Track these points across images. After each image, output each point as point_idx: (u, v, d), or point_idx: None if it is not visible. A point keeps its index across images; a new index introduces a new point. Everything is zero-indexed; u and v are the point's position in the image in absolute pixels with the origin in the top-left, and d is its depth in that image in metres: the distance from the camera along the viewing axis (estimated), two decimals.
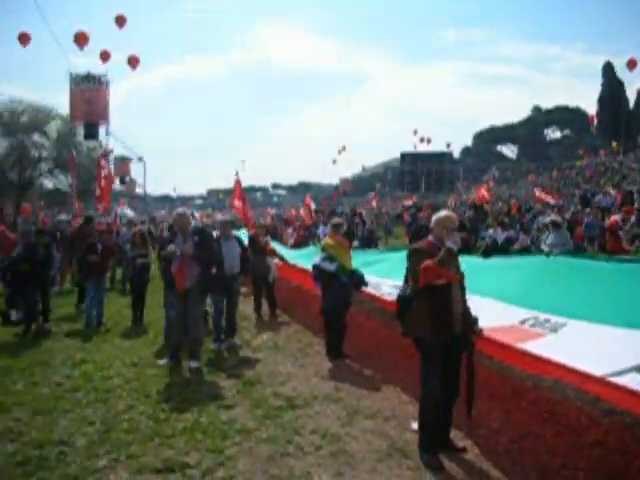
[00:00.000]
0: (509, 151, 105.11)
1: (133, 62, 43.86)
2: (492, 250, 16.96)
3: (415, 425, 5.65)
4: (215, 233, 10.28)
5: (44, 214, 31.55)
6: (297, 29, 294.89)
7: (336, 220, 10.19)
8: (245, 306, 12.69)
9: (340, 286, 8.91)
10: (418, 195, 65.83)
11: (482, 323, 5.53)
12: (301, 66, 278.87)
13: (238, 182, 17.55)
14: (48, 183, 49.51)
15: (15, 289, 11.61)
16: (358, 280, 9.02)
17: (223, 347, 9.66)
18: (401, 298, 5.55)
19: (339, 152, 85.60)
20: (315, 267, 9.23)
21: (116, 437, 5.88)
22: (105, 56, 43.67)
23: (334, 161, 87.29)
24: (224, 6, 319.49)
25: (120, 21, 41.62)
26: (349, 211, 37.35)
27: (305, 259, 11.89)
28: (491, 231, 20.58)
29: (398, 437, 5.76)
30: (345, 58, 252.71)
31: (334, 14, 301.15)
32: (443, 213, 5.60)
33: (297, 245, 22.41)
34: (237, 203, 17.34)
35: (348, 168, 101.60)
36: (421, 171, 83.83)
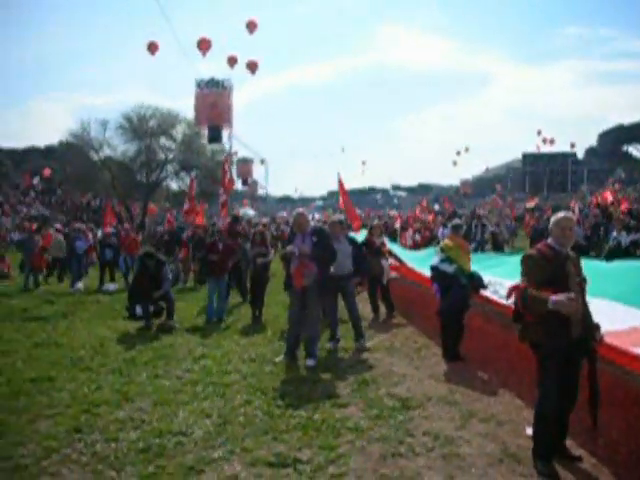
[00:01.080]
0: (637, 151, 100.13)
1: (252, 67, 44.77)
2: (616, 253, 16.30)
3: (530, 431, 5.49)
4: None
5: (170, 215, 32.62)
6: (414, 30, 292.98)
7: (456, 222, 10.08)
8: (362, 307, 12.72)
9: (458, 288, 8.79)
10: (540, 197, 64.11)
11: (602, 326, 5.33)
12: (420, 67, 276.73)
13: (341, 182, 17.66)
14: (174, 185, 51.18)
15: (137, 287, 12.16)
16: (477, 282, 8.89)
17: (359, 345, 9.72)
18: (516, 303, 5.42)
19: (458, 153, 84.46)
20: (433, 268, 9.15)
21: (232, 430, 6.03)
22: (232, 61, 44.79)
23: (454, 163, 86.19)
24: (341, 9, 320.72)
25: (251, 26, 42.55)
26: (469, 213, 36.77)
27: (423, 261, 11.80)
28: (615, 234, 19.79)
29: (511, 442, 5.62)
30: (464, 58, 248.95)
31: (451, 13, 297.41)
32: (561, 214, 5.42)
33: (418, 247, 22.33)
34: (342, 202, 17.49)
35: (468, 169, 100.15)
36: (543, 172, 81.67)
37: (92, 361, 8.97)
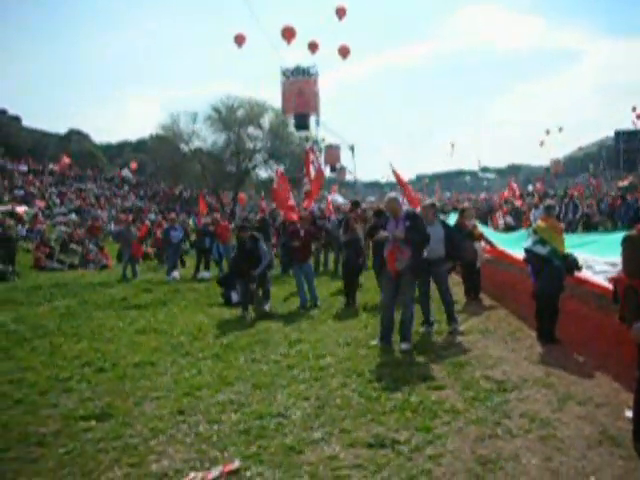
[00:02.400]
0: None
1: (343, 52, 44.82)
2: None
3: (629, 413, 5.42)
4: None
5: (265, 204, 33.08)
6: (499, 9, 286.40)
7: (549, 202, 9.96)
8: (455, 291, 12.68)
9: (553, 270, 8.69)
10: (635, 175, 61.96)
11: None
12: (506, 47, 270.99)
13: (396, 173, 17.55)
14: (263, 173, 51.78)
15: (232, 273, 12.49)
16: (572, 264, 8.76)
17: (452, 329, 9.72)
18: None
19: (547, 133, 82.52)
20: (527, 250, 9.06)
21: (330, 412, 6.17)
22: (313, 47, 44.95)
23: (541, 143, 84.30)
24: None
25: (340, 13, 42.62)
26: (562, 193, 35.92)
27: (514, 243, 11.69)
28: None
29: (610, 425, 5.55)
30: (551, 35, 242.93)
31: None
32: None
33: (509, 229, 22.02)
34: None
35: (559, 149, 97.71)
36: (638, 149, 78.82)
37: (191, 346, 9.31)
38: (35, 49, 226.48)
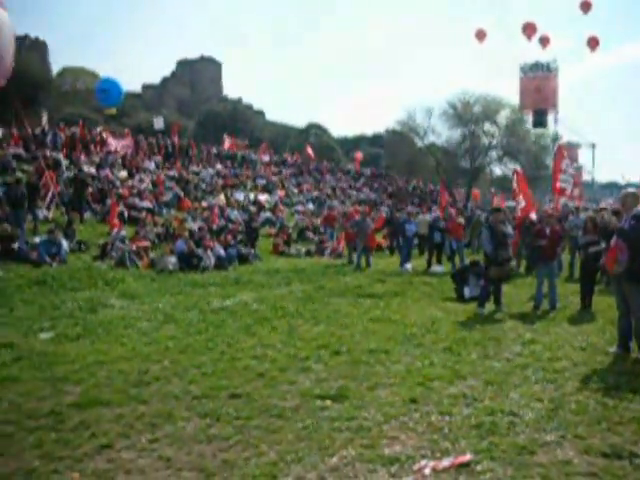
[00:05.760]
0: None
1: (592, 43, 43.00)
2: None
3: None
4: None
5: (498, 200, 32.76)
6: None
7: None
8: None
9: None
10: None
11: None
12: None
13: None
14: (497, 170, 51.05)
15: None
16: None
17: None
18: None
19: None
20: None
21: (563, 416, 6.01)
22: (545, 42, 43.62)
23: None
24: None
25: (585, 7, 41.06)
26: None
27: None
28: None
29: None
30: None
31: None
32: None
33: None
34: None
35: None
36: None
37: (424, 338, 9.40)
38: (278, 51, 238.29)
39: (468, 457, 5.03)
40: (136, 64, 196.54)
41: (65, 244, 16.64)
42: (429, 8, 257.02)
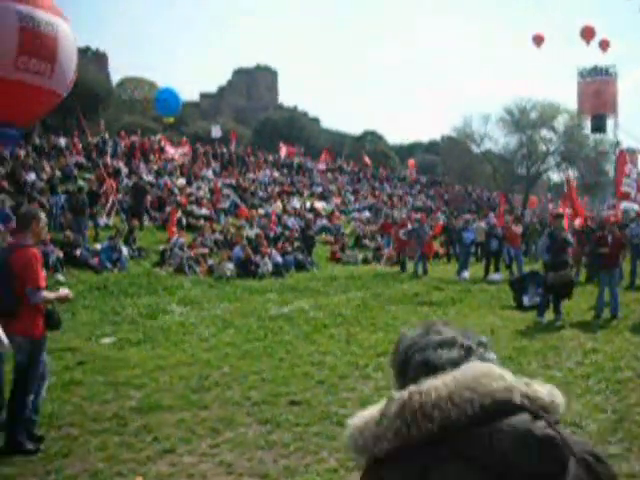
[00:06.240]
0: None
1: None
2: None
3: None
4: None
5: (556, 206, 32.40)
6: None
7: None
8: None
9: None
10: None
11: None
12: None
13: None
14: (554, 176, 50.40)
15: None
16: None
17: None
18: None
19: None
20: None
21: (628, 428, 5.92)
22: (604, 45, 42.93)
23: None
24: None
25: None
26: None
27: None
28: None
29: None
30: None
31: None
32: None
33: None
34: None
35: None
36: None
37: None
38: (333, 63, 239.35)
39: None
40: (194, 73, 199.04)
41: (125, 251, 17.00)
42: (488, 12, 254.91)
